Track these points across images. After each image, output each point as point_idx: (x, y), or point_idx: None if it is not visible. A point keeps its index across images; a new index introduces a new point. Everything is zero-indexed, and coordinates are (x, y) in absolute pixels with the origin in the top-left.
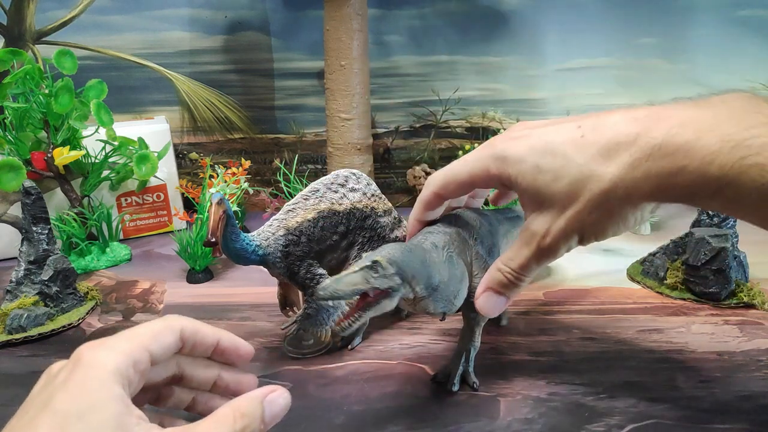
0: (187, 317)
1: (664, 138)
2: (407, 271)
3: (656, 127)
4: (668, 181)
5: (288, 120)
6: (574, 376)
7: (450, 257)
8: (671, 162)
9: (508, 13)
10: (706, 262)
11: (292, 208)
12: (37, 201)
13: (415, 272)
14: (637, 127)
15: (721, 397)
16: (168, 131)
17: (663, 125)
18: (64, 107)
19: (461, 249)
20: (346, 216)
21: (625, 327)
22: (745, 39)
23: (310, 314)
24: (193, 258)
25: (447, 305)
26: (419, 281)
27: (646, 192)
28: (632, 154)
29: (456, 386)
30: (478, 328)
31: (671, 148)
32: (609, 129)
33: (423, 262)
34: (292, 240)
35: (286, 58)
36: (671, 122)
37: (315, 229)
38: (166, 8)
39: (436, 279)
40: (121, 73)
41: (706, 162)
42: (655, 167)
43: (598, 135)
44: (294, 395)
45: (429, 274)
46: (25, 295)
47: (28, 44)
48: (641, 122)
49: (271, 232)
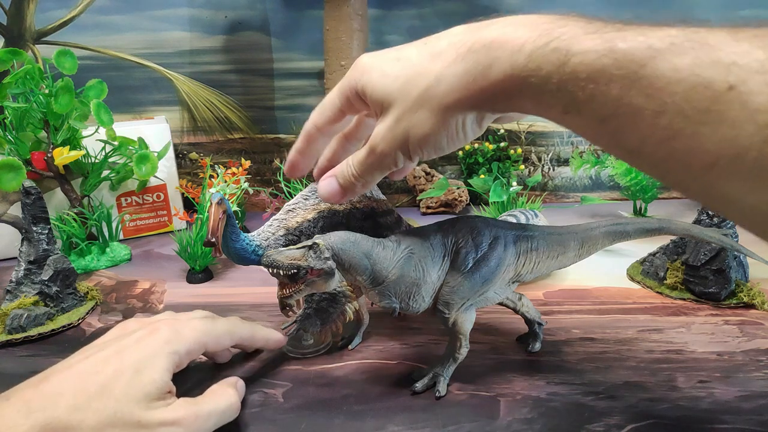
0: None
1: (486, 33)
2: (343, 259)
3: (486, 28)
4: (485, 74)
5: (288, 120)
6: (574, 376)
7: (409, 257)
8: (487, 54)
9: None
10: (706, 262)
11: (292, 209)
12: (37, 201)
13: (352, 261)
14: (468, 30)
15: (721, 397)
16: (168, 131)
17: (490, 26)
18: (64, 107)
19: (425, 255)
20: (345, 216)
21: (625, 327)
22: None
23: (310, 314)
24: (193, 258)
25: (400, 303)
26: (360, 272)
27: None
28: (458, 51)
29: (417, 388)
30: (459, 339)
31: (488, 40)
32: (448, 34)
33: (366, 254)
34: (292, 240)
35: (286, 58)
36: (497, 24)
37: (315, 229)
38: (166, 8)
39: (382, 274)
40: (121, 73)
41: (514, 50)
42: (471, 59)
43: (437, 42)
44: (294, 395)
45: (371, 268)
46: (25, 295)
47: (28, 44)
48: (472, 27)
49: (271, 232)
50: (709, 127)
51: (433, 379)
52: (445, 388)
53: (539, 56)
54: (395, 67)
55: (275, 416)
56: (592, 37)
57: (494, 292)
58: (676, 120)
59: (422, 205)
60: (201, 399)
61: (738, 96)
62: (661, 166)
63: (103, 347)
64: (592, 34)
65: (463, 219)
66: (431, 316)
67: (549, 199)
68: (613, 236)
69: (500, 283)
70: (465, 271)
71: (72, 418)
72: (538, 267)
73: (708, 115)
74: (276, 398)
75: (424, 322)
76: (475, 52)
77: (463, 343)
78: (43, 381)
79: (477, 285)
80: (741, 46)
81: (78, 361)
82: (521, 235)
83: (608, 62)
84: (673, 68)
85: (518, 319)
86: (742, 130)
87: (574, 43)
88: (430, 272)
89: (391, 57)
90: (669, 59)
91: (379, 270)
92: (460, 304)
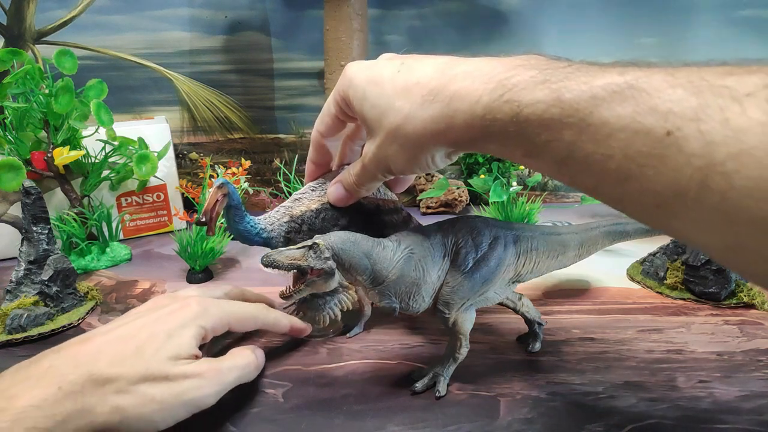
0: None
1: (449, 82)
2: (344, 259)
3: (449, 73)
4: (448, 123)
5: (288, 120)
6: (574, 376)
7: (409, 257)
8: (449, 105)
9: (508, 13)
10: (706, 262)
11: (298, 198)
12: (37, 201)
13: (353, 261)
14: (436, 73)
15: (721, 397)
16: (168, 131)
17: (454, 71)
18: (64, 107)
19: (425, 255)
20: (348, 210)
21: (625, 327)
22: (745, 39)
23: (307, 299)
24: (193, 258)
25: (400, 303)
26: (360, 272)
27: (430, 132)
28: (423, 95)
29: (417, 388)
30: (459, 339)
31: (451, 91)
32: (418, 70)
33: (366, 254)
34: (294, 227)
35: (286, 58)
36: (460, 69)
37: (316, 219)
38: (166, 8)
39: (382, 274)
40: (121, 73)
41: (473, 102)
42: (437, 108)
43: (409, 74)
44: (294, 395)
45: (371, 268)
46: (25, 295)
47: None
48: (440, 69)
49: (276, 217)
50: (653, 169)
51: (433, 379)
52: (445, 388)
53: (495, 108)
54: (373, 91)
55: (275, 416)
56: (541, 87)
57: (494, 292)
58: (624, 164)
59: (422, 205)
60: (222, 357)
61: (675, 141)
62: (619, 204)
63: (140, 316)
64: (540, 84)
65: (463, 219)
66: (431, 316)
67: (549, 199)
68: (613, 236)
69: (500, 283)
70: (465, 271)
71: (111, 371)
72: (538, 267)
73: (651, 159)
74: (276, 398)
75: (424, 322)
76: (440, 102)
77: (463, 343)
78: (85, 341)
79: (477, 285)
80: (676, 93)
81: (118, 326)
82: (521, 235)
83: (557, 112)
84: (616, 116)
85: (518, 319)
86: (681, 173)
87: (525, 95)
88: (430, 272)
89: (370, 77)
90: (612, 107)
91: (379, 270)
92: (460, 304)
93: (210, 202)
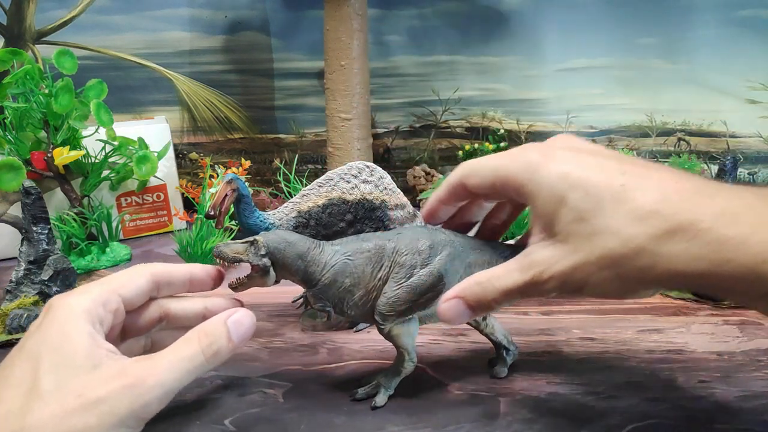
0: (158, 262)
1: (712, 224)
2: (278, 257)
3: (704, 205)
4: (708, 270)
5: (288, 120)
6: (574, 376)
7: (345, 263)
8: (715, 252)
9: (508, 13)
10: None
11: (306, 194)
12: (37, 201)
13: (285, 261)
14: (681, 198)
15: (721, 397)
16: (168, 131)
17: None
18: (64, 107)
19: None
20: (354, 206)
21: (625, 327)
22: (745, 39)
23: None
24: (193, 258)
25: (334, 308)
26: (292, 272)
27: (673, 272)
28: (669, 228)
29: (359, 394)
30: (401, 354)
31: (717, 236)
32: (652, 190)
33: (300, 255)
34: (301, 222)
35: (286, 58)
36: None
37: (323, 214)
38: (166, 8)
39: (314, 276)
40: (121, 73)
41: (760, 260)
42: (693, 252)
43: (639, 192)
44: (294, 395)
45: (303, 269)
46: (25, 295)
47: (28, 44)
48: (688, 195)
49: (285, 213)
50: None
51: (376, 388)
52: (384, 400)
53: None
54: (581, 202)
55: (275, 416)
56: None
57: None
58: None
59: (422, 205)
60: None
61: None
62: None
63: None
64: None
65: (408, 228)
66: None
67: None
68: None
69: None
70: (402, 282)
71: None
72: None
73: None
74: (276, 398)
75: None
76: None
77: (406, 357)
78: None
79: (415, 297)
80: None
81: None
82: (472, 247)
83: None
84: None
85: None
86: None
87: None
88: (366, 281)
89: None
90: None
91: (311, 272)
92: (396, 316)
93: (219, 196)
